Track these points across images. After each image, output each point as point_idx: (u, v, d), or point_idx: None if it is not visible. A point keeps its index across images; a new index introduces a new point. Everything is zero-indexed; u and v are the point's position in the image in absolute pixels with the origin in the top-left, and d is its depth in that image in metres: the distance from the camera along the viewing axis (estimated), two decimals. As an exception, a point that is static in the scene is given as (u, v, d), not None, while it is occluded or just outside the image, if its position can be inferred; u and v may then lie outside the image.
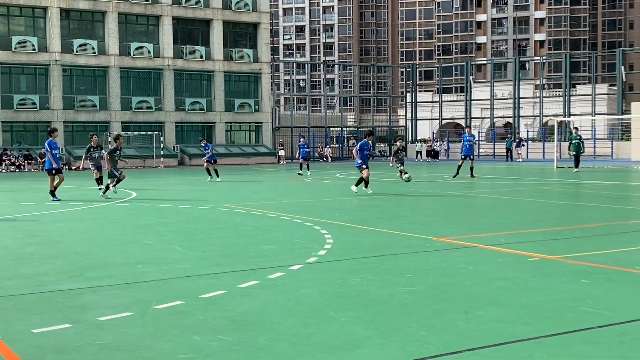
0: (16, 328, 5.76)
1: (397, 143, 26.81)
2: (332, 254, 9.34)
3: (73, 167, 44.69)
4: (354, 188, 19.22)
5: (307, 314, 6.19)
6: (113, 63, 49.71)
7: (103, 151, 20.94)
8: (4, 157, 43.08)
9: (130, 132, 49.64)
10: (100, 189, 19.80)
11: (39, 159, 41.80)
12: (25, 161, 44.23)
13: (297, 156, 33.23)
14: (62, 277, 7.96)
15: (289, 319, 6.02)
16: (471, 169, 26.64)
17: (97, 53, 49.05)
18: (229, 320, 5.98)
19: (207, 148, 27.46)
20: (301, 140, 33.36)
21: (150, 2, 50.82)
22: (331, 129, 62.66)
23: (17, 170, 42.91)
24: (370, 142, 20.61)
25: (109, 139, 46.52)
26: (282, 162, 52.98)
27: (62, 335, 5.56)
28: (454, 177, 26.38)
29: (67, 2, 47.96)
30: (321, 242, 10.34)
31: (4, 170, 42.00)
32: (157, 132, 49.10)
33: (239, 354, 5.06)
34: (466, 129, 32.22)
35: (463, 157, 26.83)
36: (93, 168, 20.83)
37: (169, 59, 51.53)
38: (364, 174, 19.07)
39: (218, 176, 26.88)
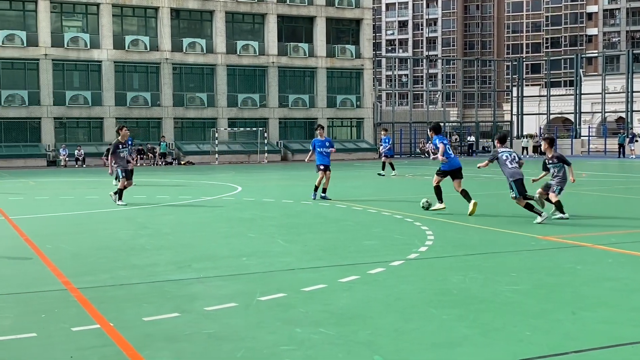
0: (128, 316, 6.03)
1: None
2: (434, 251, 9.26)
3: (182, 162, 46.21)
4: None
5: (408, 310, 6.17)
6: (220, 61, 51.00)
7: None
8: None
9: (235, 129, 50.84)
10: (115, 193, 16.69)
11: (149, 155, 43.37)
12: (138, 156, 46.10)
13: (380, 151, 28.14)
14: (171, 268, 8.26)
15: (389, 315, 6.02)
16: None
17: (205, 51, 50.45)
18: (329, 314, 6.05)
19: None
20: (383, 133, 29.25)
21: (257, 0, 51.80)
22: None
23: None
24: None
25: (216, 135, 47.87)
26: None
27: (171, 324, 5.78)
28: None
29: (177, 2, 49.58)
30: (422, 239, 10.27)
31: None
32: (261, 128, 50.03)
33: (340, 348, 5.11)
34: None
35: None
36: (123, 175, 16.48)
37: (273, 57, 52.36)
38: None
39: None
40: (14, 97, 45.71)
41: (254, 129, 49.84)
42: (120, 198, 15.94)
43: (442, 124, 15.89)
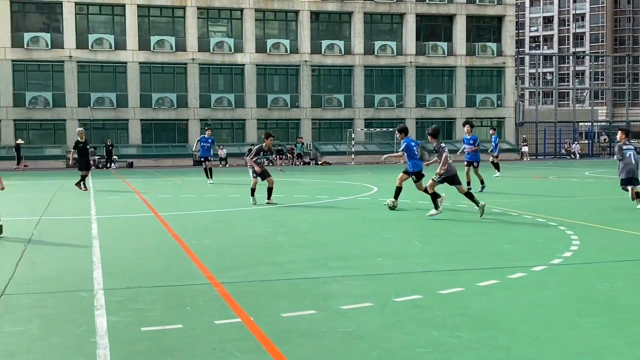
0: (267, 311, 6.18)
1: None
2: (578, 256, 8.86)
3: (319, 163, 46.93)
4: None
5: (550, 317, 5.93)
6: (358, 62, 51.36)
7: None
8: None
9: (372, 129, 51.03)
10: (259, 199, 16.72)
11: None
12: (277, 156, 47.28)
13: (491, 153, 26.14)
14: (308, 266, 8.39)
15: (530, 321, 5.82)
16: None
17: (343, 53, 50.99)
18: (467, 317, 5.93)
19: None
20: (491, 132, 27.10)
21: (395, 0, 51.72)
22: (580, 124, 59.35)
23: (271, 164, 45.90)
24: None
25: (353, 135, 48.23)
26: (525, 158, 51.20)
27: (308, 321, 5.87)
28: None
29: (316, 4, 50.43)
30: (566, 244, 9.84)
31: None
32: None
33: (477, 353, 5.00)
34: None
35: None
36: (254, 175, 16.62)
37: (411, 56, 52.08)
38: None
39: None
40: (164, 100, 48.23)
41: (391, 129, 49.80)
42: (252, 195, 16.36)
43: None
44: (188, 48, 48.49)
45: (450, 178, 13.41)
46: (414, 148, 14.50)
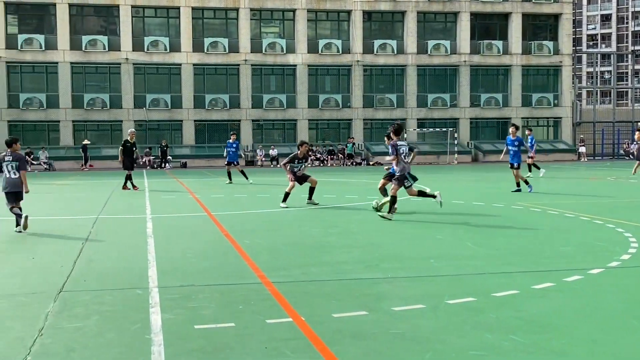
0: (318, 311, 6.19)
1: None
2: (637, 259, 8.63)
3: (371, 163, 46.82)
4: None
5: (607, 321, 5.79)
6: (410, 61, 51.07)
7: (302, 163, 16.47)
8: (309, 153, 46.65)
9: (425, 129, 50.67)
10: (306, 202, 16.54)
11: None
12: (329, 157, 47.36)
13: (529, 154, 25.69)
14: (360, 267, 8.37)
15: (586, 325, 5.69)
16: None
17: (395, 52, 50.77)
18: (522, 320, 5.83)
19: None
20: (527, 132, 27.59)
21: (448, -1, 51.33)
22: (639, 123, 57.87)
23: (321, 164, 46.09)
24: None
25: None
26: (582, 159, 50.16)
27: (359, 322, 5.86)
28: None
29: (369, 4, 50.32)
30: (624, 246, 9.60)
31: (310, 165, 45.42)
32: (451, 129, 49.46)
33: (532, 356, 4.91)
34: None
35: None
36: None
37: (465, 55, 51.56)
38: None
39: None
40: (217, 101, 48.80)
41: (444, 129, 49.38)
42: (284, 200, 15.81)
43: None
44: (241, 49, 48.95)
45: (402, 178, 13.26)
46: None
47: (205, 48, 48.36)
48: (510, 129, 20.32)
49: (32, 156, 43.52)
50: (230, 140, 25.84)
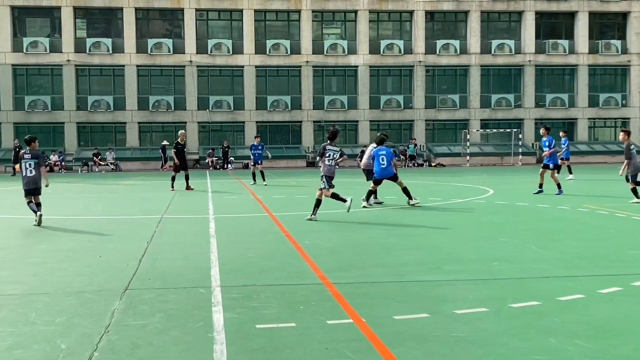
0: (379, 313, 6.17)
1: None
2: None
3: (433, 164, 46.44)
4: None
5: (679, 329, 5.60)
6: (474, 61, 50.46)
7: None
8: (397, 155, 46.58)
9: (488, 130, 49.96)
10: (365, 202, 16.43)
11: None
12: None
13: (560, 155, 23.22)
14: (421, 269, 8.31)
15: (656, 332, 5.52)
16: None
17: (458, 52, 50.23)
18: (587, 325, 5.69)
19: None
20: (561, 134, 26.47)
21: (512, -2, 50.51)
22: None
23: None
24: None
25: (468, 137, 47.41)
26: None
27: (421, 324, 5.81)
28: None
29: (432, 4, 49.94)
30: (697, 251, 9.27)
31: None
32: (515, 129, 48.63)
33: (598, 363, 4.79)
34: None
35: None
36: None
37: (530, 55, 50.66)
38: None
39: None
40: (278, 102, 49.16)
41: (508, 130, 48.59)
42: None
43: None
44: (302, 51, 49.20)
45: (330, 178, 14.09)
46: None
47: (268, 50, 48.80)
48: (541, 131, 20.33)
49: (99, 157, 44.78)
50: (255, 143, 26.63)
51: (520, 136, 48.53)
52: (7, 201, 19.71)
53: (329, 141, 14.32)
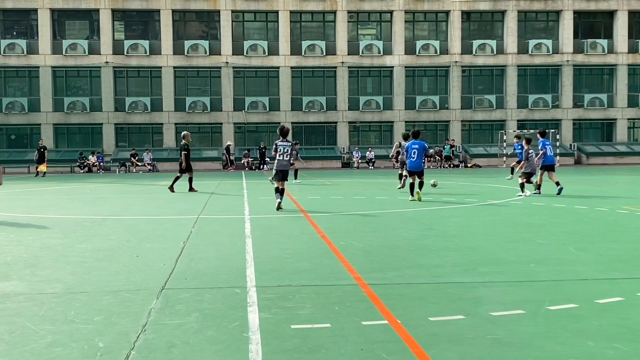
0: (414, 314, 6.15)
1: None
2: None
3: (469, 165, 46.10)
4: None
5: None
6: (510, 61, 49.98)
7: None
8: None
9: (525, 131, 49.43)
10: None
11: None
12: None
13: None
14: (457, 270, 8.26)
15: (698, 336, 5.40)
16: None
17: (495, 52, 49.81)
18: (626, 329, 5.60)
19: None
20: (515, 141, 26.63)
21: (550, -3, 49.91)
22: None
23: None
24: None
25: (504, 137, 46.97)
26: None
27: (456, 326, 5.78)
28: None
29: (468, 4, 49.59)
30: None
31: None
32: (553, 130, 48.05)
33: (638, 367, 4.71)
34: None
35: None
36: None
37: (568, 55, 50.01)
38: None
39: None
40: (314, 103, 49.26)
41: (546, 130, 47.98)
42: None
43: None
44: (338, 52, 49.22)
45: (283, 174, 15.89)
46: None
47: (303, 51, 48.93)
48: (514, 139, 21.00)
49: (136, 157, 45.34)
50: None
51: (557, 137, 47.92)
52: (47, 201, 20.07)
53: (281, 138, 15.81)
